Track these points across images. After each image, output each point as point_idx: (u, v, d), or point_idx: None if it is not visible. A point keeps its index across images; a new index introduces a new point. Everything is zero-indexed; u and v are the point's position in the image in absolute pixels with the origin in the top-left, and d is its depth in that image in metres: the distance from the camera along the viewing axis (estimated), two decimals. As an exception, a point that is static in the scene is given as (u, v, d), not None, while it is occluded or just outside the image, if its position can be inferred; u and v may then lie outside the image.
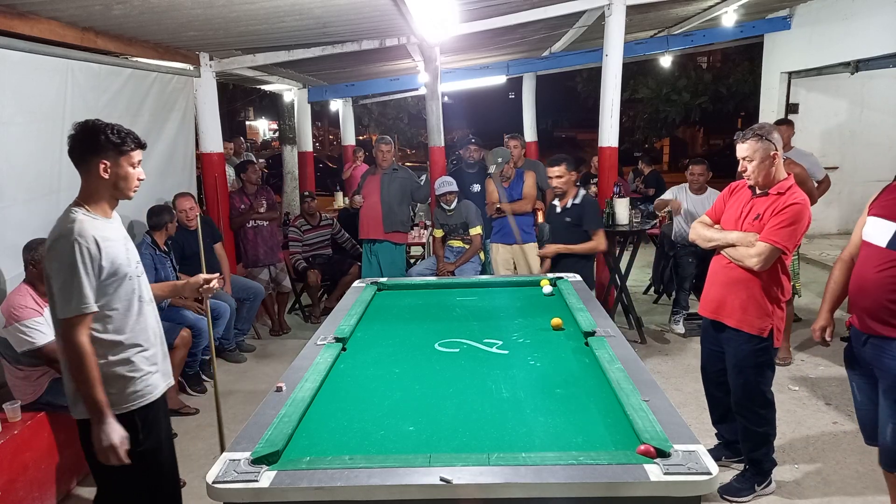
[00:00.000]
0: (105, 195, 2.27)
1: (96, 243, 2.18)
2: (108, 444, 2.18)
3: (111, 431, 2.19)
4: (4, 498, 2.89)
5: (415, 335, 3.09)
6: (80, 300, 2.13)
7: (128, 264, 2.31)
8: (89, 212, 2.24)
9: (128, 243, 2.37)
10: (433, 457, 1.84)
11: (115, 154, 2.22)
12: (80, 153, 2.22)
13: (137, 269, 2.38)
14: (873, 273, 2.54)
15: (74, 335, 2.14)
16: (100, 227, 2.23)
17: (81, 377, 2.16)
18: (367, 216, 5.88)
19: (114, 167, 2.23)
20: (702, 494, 1.74)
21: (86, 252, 2.14)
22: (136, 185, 2.32)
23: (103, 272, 2.20)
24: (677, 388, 4.47)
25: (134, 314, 2.33)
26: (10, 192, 3.57)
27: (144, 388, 2.35)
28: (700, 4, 7.05)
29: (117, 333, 2.28)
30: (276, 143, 10.96)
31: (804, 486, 3.26)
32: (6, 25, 3.46)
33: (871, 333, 2.57)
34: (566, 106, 23.27)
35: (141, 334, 2.35)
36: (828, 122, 8.84)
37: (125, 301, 2.29)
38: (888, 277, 2.49)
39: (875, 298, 2.53)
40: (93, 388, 2.16)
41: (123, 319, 2.29)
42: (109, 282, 2.23)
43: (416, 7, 4.44)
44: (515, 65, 9.74)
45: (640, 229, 5.45)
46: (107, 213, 2.31)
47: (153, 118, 5.23)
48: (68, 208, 2.25)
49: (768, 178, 2.94)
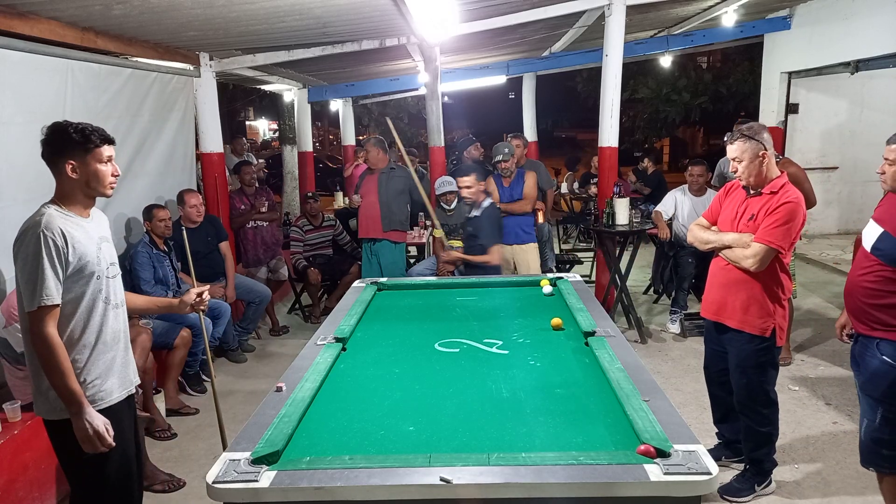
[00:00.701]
0: (79, 195, 2.25)
1: (63, 236, 2.14)
2: (92, 433, 2.17)
3: (92, 418, 2.18)
4: (4, 498, 2.89)
5: (415, 335, 3.09)
6: (44, 292, 2.10)
7: (97, 263, 2.26)
8: (62, 208, 2.22)
9: (104, 244, 2.33)
10: (433, 457, 1.84)
11: (81, 153, 2.19)
12: (48, 155, 2.21)
13: (109, 270, 2.34)
14: (856, 275, 2.62)
15: (42, 328, 2.12)
16: (70, 223, 2.20)
17: (53, 370, 2.14)
18: (365, 215, 5.87)
19: (81, 166, 2.20)
20: (702, 494, 1.74)
21: (51, 244, 2.11)
22: (111, 182, 2.28)
23: (69, 267, 2.17)
24: (677, 388, 4.47)
25: (97, 315, 2.28)
26: (10, 192, 3.58)
27: (95, 394, 2.28)
28: (700, 4, 7.05)
29: (74, 332, 2.23)
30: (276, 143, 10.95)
31: (804, 486, 3.26)
32: (6, 25, 3.46)
33: (859, 333, 2.65)
34: (566, 106, 23.25)
35: (100, 337, 2.29)
36: (828, 122, 8.84)
37: (89, 300, 2.25)
38: (865, 280, 2.56)
39: (856, 299, 2.61)
40: (67, 379, 2.14)
41: (84, 319, 2.25)
42: (75, 278, 2.20)
43: (416, 7, 4.44)
44: (515, 65, 9.74)
45: (640, 229, 5.45)
46: (83, 213, 2.28)
47: (153, 118, 5.24)
48: (42, 205, 2.23)
49: (759, 177, 2.94)
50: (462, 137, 9.76)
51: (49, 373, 2.16)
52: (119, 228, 4.76)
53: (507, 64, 9.63)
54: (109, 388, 2.33)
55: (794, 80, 8.61)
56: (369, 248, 5.92)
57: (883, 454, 2.60)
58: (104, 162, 2.24)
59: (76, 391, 2.16)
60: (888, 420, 2.56)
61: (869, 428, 2.62)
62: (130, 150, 4.94)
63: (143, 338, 3.99)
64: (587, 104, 17.36)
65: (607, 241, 5.65)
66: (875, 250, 2.53)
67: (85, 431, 2.17)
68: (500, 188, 5.47)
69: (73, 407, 2.17)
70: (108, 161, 2.26)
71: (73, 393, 2.16)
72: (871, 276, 2.54)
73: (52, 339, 2.14)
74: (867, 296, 2.55)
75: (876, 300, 2.52)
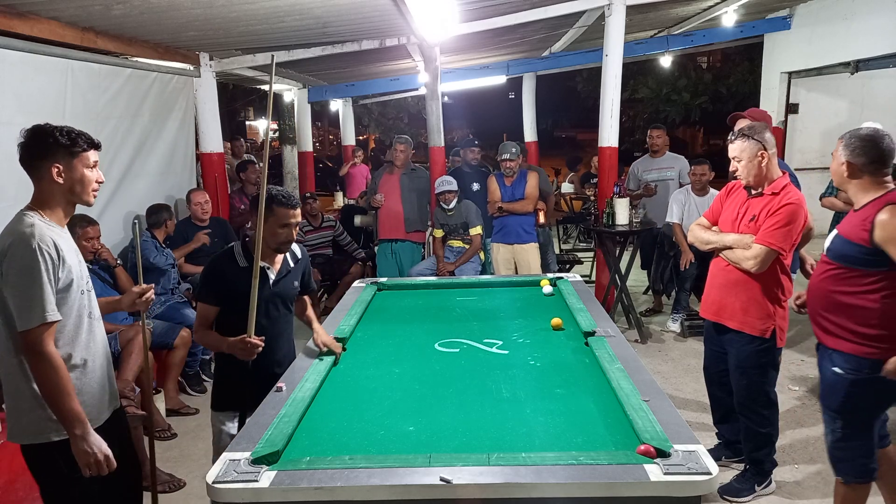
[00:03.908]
0: (61, 202, 2.11)
1: (56, 249, 2.02)
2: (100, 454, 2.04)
3: (96, 440, 2.06)
4: (4, 498, 2.89)
5: (415, 335, 3.09)
6: (44, 308, 1.97)
7: (80, 277, 2.15)
8: (44, 217, 2.08)
9: (79, 255, 2.22)
10: (433, 457, 1.84)
11: (68, 156, 2.06)
12: (29, 159, 2.06)
13: (87, 283, 2.23)
14: (814, 280, 2.67)
15: (43, 346, 1.97)
16: (56, 234, 2.07)
17: (57, 390, 2.00)
18: (387, 216, 5.86)
19: (67, 170, 2.07)
20: (702, 494, 1.74)
21: (47, 257, 1.99)
22: (94, 189, 2.15)
23: (59, 282, 2.04)
24: (677, 388, 4.47)
25: (84, 332, 2.17)
26: (10, 192, 3.58)
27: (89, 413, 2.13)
28: (700, 4, 7.05)
29: (65, 350, 2.09)
30: (276, 143, 10.94)
31: (804, 486, 3.26)
32: (6, 25, 3.46)
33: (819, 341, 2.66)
34: (566, 106, 23.26)
35: (89, 353, 2.19)
36: (828, 122, 8.84)
37: (76, 316, 2.13)
38: (820, 282, 2.60)
39: (813, 304, 2.64)
40: (70, 399, 2.01)
41: (73, 335, 2.13)
42: (65, 294, 2.08)
43: (416, 7, 4.44)
44: (515, 65, 9.74)
45: (641, 229, 5.45)
46: (61, 222, 2.15)
47: (153, 118, 5.24)
48: (21, 213, 2.07)
49: (759, 177, 2.94)
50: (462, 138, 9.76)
51: (50, 394, 2.01)
52: (120, 229, 4.75)
53: (507, 64, 9.63)
54: (101, 406, 2.24)
55: (794, 80, 8.61)
56: (389, 248, 5.91)
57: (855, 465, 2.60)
58: (90, 167, 2.12)
59: (79, 412, 2.03)
60: (846, 433, 2.56)
61: (831, 439, 2.63)
62: (131, 151, 4.95)
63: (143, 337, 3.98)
64: (587, 104, 17.38)
65: (607, 241, 5.65)
66: (828, 251, 2.59)
67: (88, 456, 2.04)
68: (501, 187, 5.47)
69: (77, 429, 2.03)
70: (94, 167, 2.14)
71: (76, 414, 2.02)
72: (825, 276, 2.58)
73: (56, 358, 2.00)
74: (821, 296, 2.59)
75: (827, 300, 2.56)
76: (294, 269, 2.83)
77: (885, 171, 2.46)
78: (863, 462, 2.57)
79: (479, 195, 5.84)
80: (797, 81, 8.62)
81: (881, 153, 2.43)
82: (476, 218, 5.51)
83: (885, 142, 2.44)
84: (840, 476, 2.65)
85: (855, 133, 2.49)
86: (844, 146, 2.51)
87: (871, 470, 2.58)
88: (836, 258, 2.52)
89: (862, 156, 2.45)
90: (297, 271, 2.85)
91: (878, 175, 2.45)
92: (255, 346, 2.51)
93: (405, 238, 5.84)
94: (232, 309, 2.61)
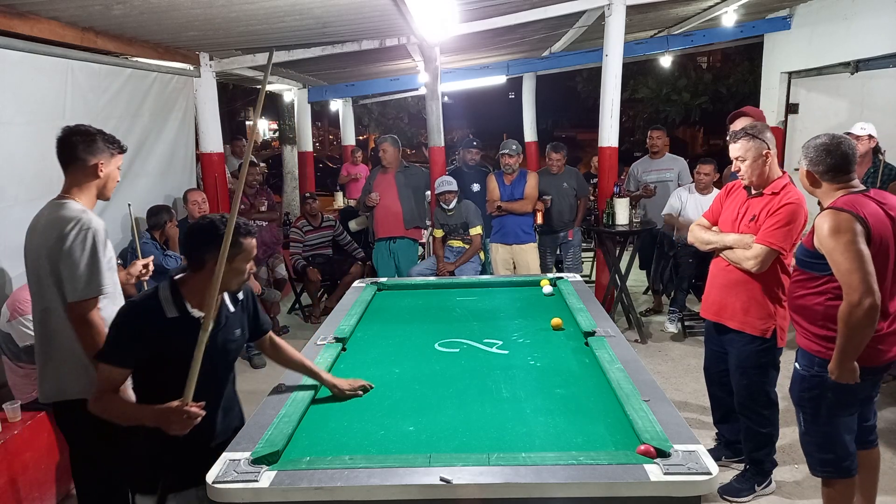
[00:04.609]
0: (93, 195, 2.46)
1: (105, 232, 2.38)
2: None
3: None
4: (4, 498, 2.89)
5: (415, 335, 3.09)
6: (100, 282, 2.33)
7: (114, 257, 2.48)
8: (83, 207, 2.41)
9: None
10: (433, 457, 1.84)
11: (108, 156, 2.45)
12: (73, 154, 2.38)
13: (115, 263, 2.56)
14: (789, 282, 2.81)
15: (92, 316, 2.31)
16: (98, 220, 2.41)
17: None
18: (384, 214, 5.83)
19: (106, 168, 2.45)
20: (702, 494, 1.74)
21: (101, 238, 2.35)
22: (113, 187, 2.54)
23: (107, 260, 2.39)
24: (677, 388, 4.47)
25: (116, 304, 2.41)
26: (10, 191, 3.58)
27: None
28: (700, 4, 7.05)
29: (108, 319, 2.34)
30: (276, 143, 10.94)
31: (804, 486, 3.26)
32: (6, 25, 3.46)
33: None
34: (566, 106, 23.22)
35: None
36: (828, 122, 8.81)
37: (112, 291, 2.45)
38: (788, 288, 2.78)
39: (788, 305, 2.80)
40: None
41: (108, 308, 2.40)
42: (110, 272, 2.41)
43: (416, 7, 4.44)
44: (515, 65, 9.73)
45: (640, 229, 5.45)
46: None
47: (153, 118, 5.24)
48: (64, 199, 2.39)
49: (762, 177, 2.94)
50: (462, 138, 9.76)
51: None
52: (119, 229, 4.75)
53: (507, 64, 9.62)
54: None
55: (794, 80, 8.60)
56: (387, 247, 5.89)
57: (817, 459, 2.63)
58: (118, 168, 2.52)
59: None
60: (808, 427, 2.62)
61: (799, 432, 2.69)
62: (131, 151, 4.91)
63: None
64: (587, 104, 17.35)
65: (607, 241, 5.65)
66: (795, 258, 2.66)
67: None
68: (501, 185, 5.48)
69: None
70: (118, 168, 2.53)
71: None
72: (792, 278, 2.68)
73: (102, 326, 2.30)
74: (789, 297, 2.68)
75: (791, 301, 2.65)
76: (234, 314, 2.19)
77: (845, 176, 2.47)
78: (827, 458, 2.59)
79: (478, 195, 5.85)
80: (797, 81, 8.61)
81: (837, 160, 2.44)
82: (476, 218, 5.51)
83: (840, 148, 2.44)
84: (810, 469, 2.69)
85: (812, 142, 2.51)
86: (804, 156, 2.54)
87: (844, 469, 2.58)
88: (796, 262, 2.62)
89: (819, 164, 2.47)
90: (238, 316, 2.22)
91: (837, 182, 2.47)
92: (194, 416, 1.90)
93: (403, 235, 5.83)
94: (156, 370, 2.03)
